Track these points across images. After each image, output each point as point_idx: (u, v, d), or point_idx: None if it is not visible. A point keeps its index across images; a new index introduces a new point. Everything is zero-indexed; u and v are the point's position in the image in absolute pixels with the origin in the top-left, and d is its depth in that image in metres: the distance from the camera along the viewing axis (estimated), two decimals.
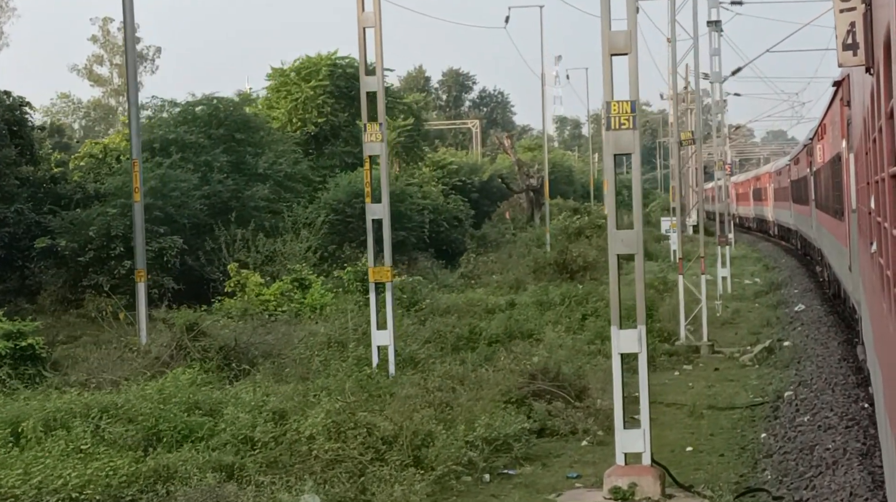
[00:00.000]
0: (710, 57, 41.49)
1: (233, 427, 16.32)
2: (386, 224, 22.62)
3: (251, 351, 23.41)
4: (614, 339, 15.25)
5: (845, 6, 9.91)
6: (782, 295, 38.71)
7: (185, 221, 41.00)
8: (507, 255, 51.52)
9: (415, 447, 15.96)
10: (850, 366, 22.70)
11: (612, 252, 15.18)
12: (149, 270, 39.79)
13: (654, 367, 25.48)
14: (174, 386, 18.15)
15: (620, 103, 14.94)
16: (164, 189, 40.84)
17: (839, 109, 21.10)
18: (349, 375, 20.48)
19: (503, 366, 21.24)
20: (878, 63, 8.70)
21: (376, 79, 22.28)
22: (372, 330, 22.31)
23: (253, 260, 38.22)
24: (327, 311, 30.87)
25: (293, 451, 15.49)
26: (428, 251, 53.26)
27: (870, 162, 11.00)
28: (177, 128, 43.74)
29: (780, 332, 30.11)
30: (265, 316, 32.73)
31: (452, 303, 33.26)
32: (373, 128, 22.20)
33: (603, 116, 15.06)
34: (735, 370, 25.61)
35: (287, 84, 57.22)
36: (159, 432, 15.84)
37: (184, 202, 41.12)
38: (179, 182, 41.44)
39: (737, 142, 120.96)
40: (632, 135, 14.93)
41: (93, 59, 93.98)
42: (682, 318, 28.73)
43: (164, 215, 40.38)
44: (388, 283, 22.46)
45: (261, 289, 34.55)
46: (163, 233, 40.04)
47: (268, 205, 43.31)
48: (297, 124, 56.45)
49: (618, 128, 14.94)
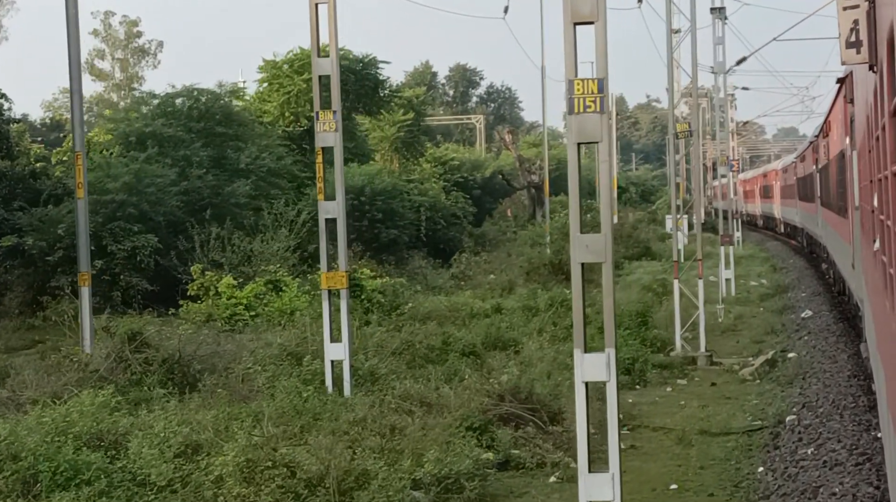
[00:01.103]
0: (713, 46, 38.72)
1: (135, 464, 13.65)
2: (341, 223, 19.92)
3: (193, 365, 20.70)
4: (577, 365, 12.53)
5: (848, 4, 9.70)
6: (789, 299, 35.90)
7: (160, 219, 38.42)
8: (507, 254, 48.74)
9: (345, 490, 13.26)
10: (860, 385, 19.93)
11: (574, 260, 12.46)
12: (121, 271, 37.37)
13: (644, 383, 22.84)
14: (78, 411, 15.44)
15: (586, 82, 12.22)
16: (139, 185, 38.30)
17: (842, 107, 20.72)
18: (293, 396, 17.80)
19: (469, 385, 18.54)
20: (882, 61, 8.58)
21: (330, 61, 19.51)
22: (325, 343, 19.61)
23: (228, 260, 35.56)
24: (297, 317, 28.14)
25: (197, 497, 12.80)
26: (423, 250, 50.57)
27: (873, 159, 10.91)
28: (154, 121, 41.07)
29: (785, 341, 27.36)
30: (233, 321, 30.14)
31: (434, 307, 30.53)
32: (326, 117, 19.50)
33: (565, 98, 12.37)
34: (734, 385, 22.86)
35: (279, 77, 54.45)
36: (37, 474, 13.12)
37: (159, 198, 38.54)
38: (155, 177, 38.87)
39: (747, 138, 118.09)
40: (598, 120, 12.20)
41: (94, 53, 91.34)
42: (677, 327, 25.98)
43: (138, 212, 37.83)
44: (343, 291, 19.74)
45: (233, 292, 31.89)
46: (137, 232, 37.49)
47: (249, 202, 40.63)
48: (289, 118, 53.69)
49: (582, 110, 12.22)
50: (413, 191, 55.81)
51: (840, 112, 21.89)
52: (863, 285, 16.67)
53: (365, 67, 55.99)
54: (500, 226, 63.30)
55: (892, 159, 8.25)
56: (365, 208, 45.81)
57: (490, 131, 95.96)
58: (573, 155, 12.46)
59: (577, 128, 12.27)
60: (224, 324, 28.83)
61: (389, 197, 47.10)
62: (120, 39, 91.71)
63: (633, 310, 28.37)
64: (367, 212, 45.84)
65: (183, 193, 39.46)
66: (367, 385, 19.88)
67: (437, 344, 23.64)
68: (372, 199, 45.94)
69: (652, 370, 23.80)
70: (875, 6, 9.10)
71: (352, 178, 46.63)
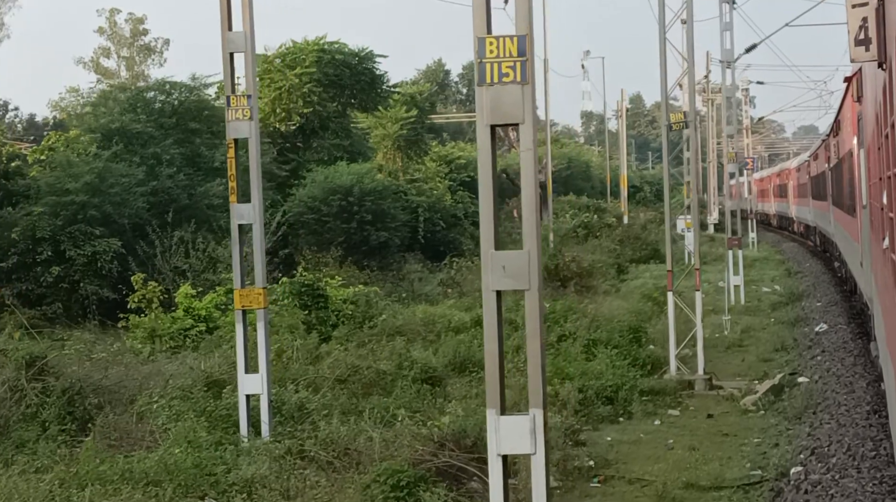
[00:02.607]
0: (720, 33, 34.97)
1: None
2: (257, 231, 16.31)
3: (89, 399, 17.12)
4: (492, 431, 8.88)
5: (858, 1, 9.48)
6: (802, 308, 32.08)
7: (125, 221, 34.94)
8: None
9: None
10: (881, 424, 16.20)
11: (487, 286, 8.84)
12: (81, 277, 33.92)
13: (629, 415, 19.13)
14: None
15: (501, 41, 8.65)
16: (102, 185, 34.86)
17: (850, 105, 20.17)
18: (186, 443, 14.25)
19: (401, 430, 14.95)
20: (891, 58, 8.52)
21: (242, 35, 15.87)
22: (239, 374, 16.02)
23: (192, 266, 32.04)
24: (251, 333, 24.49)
25: None
26: (419, 253, 46.85)
27: (882, 157, 10.76)
28: (122, 117, 37.54)
29: (796, 361, 23.63)
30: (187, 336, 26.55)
31: (409, 320, 26.91)
32: (238, 102, 15.90)
33: (475, 65, 8.79)
34: (734, 417, 19.17)
35: (270, 72, 50.84)
36: None
37: (124, 199, 35.08)
38: (121, 177, 35.39)
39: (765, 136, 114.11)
40: (519, 94, 8.62)
41: (99, 51, 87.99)
42: (671, 347, 22.26)
43: (100, 215, 34.43)
44: (261, 312, 16.14)
45: (191, 302, 28.30)
46: (99, 235, 34.06)
47: (224, 204, 36.98)
48: (281, 115, 50.11)
49: (496, 80, 8.65)
50: (411, 190, 52.21)
51: (849, 110, 21.10)
52: (872, 283, 16.21)
53: (361, 61, 52.39)
54: (505, 227, 59.54)
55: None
56: (353, 209, 42.18)
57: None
58: (484, 141, 8.86)
59: (489, 105, 8.70)
60: (170, 341, 25.26)
61: (380, 197, 43.45)
62: (126, 37, 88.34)
63: (625, 325, 24.72)
64: (356, 213, 42.21)
65: (151, 194, 36.02)
66: (292, 423, 16.31)
67: (390, 368, 20.05)
68: (361, 200, 42.29)
69: (641, 398, 20.12)
70: (884, 3, 8.85)
71: (340, 177, 43.08)
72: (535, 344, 8.82)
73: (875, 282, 14.80)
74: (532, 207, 8.85)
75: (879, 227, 12.08)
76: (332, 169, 43.81)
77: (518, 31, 8.66)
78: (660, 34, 21.77)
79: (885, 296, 11.81)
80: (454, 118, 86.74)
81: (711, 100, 66.27)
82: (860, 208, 18.70)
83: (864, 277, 19.87)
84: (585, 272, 35.59)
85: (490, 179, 8.81)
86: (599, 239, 51.42)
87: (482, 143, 8.81)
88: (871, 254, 15.98)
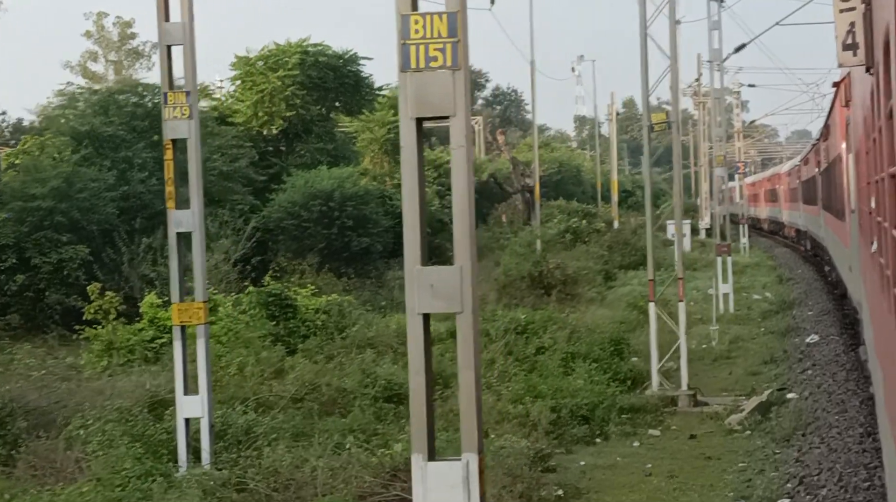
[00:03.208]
0: (708, 32, 33.58)
1: None
2: (197, 239, 14.89)
3: (18, 422, 15.66)
4: (417, 481, 7.46)
5: (845, 6, 9.58)
6: (794, 317, 30.66)
7: (93, 227, 33.49)
8: (495, 264, 43.52)
9: None
10: (875, 448, 14.77)
11: (412, 310, 7.43)
12: (47, 286, 32.50)
13: (606, 436, 17.72)
14: None
15: (429, 18, 7.26)
16: (70, 190, 33.40)
17: (839, 110, 20.04)
18: (111, 476, 12.83)
19: (352, 458, 13.53)
20: (878, 63, 8.41)
21: (181, 26, 14.45)
22: (177, 396, 14.58)
23: (160, 275, 30.55)
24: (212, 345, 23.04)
25: None
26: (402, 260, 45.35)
27: (870, 162, 10.67)
28: (93, 119, 36.09)
29: (785, 375, 22.22)
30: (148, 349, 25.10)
31: (381, 331, 25.48)
32: (176, 99, 14.48)
33: (398, 47, 7.35)
34: (718, 438, 17.75)
35: (252, 74, 49.38)
36: None
37: (93, 205, 33.61)
38: (90, 181, 33.96)
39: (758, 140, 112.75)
40: (450, 82, 7.24)
41: (87, 55, 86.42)
42: (653, 362, 20.84)
43: (68, 220, 32.97)
44: (202, 327, 14.71)
45: (156, 312, 26.85)
46: (66, 242, 32.61)
47: None
48: (263, 118, 48.61)
49: (423, 66, 7.26)
50: (396, 195, 50.76)
51: (838, 115, 20.89)
52: (861, 287, 16.14)
53: (346, 64, 50.91)
54: (493, 233, 58.16)
55: (889, 161, 7.97)
56: (334, 214, 40.69)
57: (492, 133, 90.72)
58: (408, 137, 7.45)
59: (414, 95, 7.29)
60: (128, 354, 23.83)
61: (362, 202, 41.97)
62: (113, 41, 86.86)
63: (607, 337, 23.27)
64: (337, 218, 40.71)
65: (122, 199, 34.59)
66: (238, 449, 14.87)
67: (352, 385, 18.63)
68: (342, 205, 40.81)
69: (620, 416, 18.70)
70: (871, 8, 8.87)
71: (320, 182, 41.60)
72: (468, 376, 7.41)
73: (864, 286, 14.79)
74: (465, 214, 7.43)
75: (868, 231, 12.05)
76: (312, 173, 42.32)
77: (448, 8, 7.26)
78: (640, 31, 20.39)
79: (874, 300, 11.74)
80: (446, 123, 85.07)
81: (702, 103, 64.84)
82: (849, 212, 18.61)
83: (853, 281, 19.72)
84: (570, 279, 34.13)
85: (415, 182, 7.39)
86: (588, 244, 49.98)
87: (406, 141, 7.39)
88: (859, 258, 15.91)
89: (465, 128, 7.33)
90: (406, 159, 7.38)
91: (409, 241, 7.41)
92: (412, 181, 7.38)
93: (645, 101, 20.23)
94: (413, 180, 7.38)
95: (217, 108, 47.48)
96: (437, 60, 7.25)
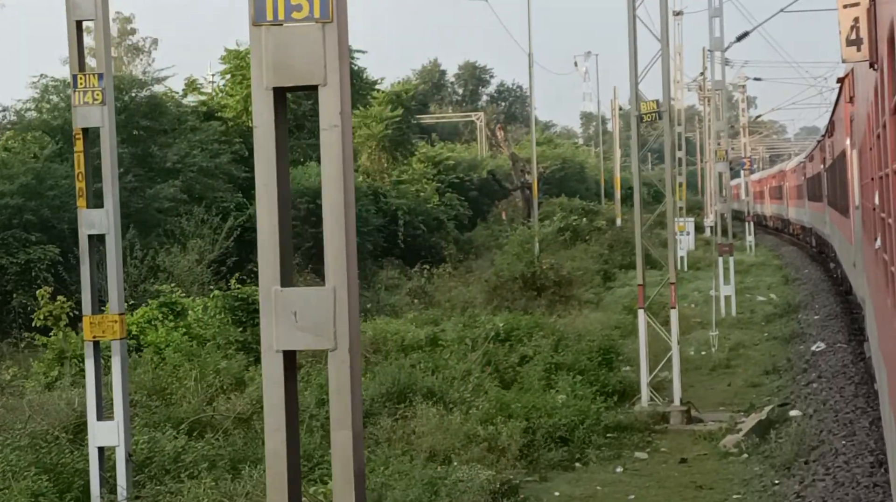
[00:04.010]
0: (709, 19, 31.55)
1: None
2: (112, 243, 12.99)
3: None
4: None
5: (849, 1, 9.31)
6: (799, 322, 28.63)
7: (64, 226, 31.57)
8: (490, 263, 41.50)
9: None
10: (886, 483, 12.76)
11: (269, 346, 5.46)
12: (15, 288, 30.63)
13: (586, 462, 15.76)
14: None
15: None
16: (40, 187, 31.53)
17: (843, 106, 19.76)
18: None
19: None
20: (883, 58, 8.41)
21: (93, 4, 12.52)
22: (90, 422, 12.65)
23: (128, 276, 28.66)
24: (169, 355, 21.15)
25: None
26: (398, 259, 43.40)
27: (874, 158, 10.62)
28: (66, 113, 34.23)
29: (789, 387, 20.24)
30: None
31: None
32: (87, 82, 12.59)
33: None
34: (712, 462, 15.78)
35: (243, 68, 47.53)
36: None
37: (64, 203, 31.67)
38: (61, 178, 32.07)
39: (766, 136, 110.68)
40: (321, 38, 5.29)
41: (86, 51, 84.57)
42: (643, 375, 18.86)
43: (37, 219, 31.07)
44: (118, 343, 12.79)
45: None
46: (35, 242, 30.70)
47: (175, 207, 33.69)
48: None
49: (281, 18, 5.31)
50: (391, 192, 48.90)
51: (843, 111, 20.38)
52: (864, 284, 15.88)
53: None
54: (492, 230, 56.19)
55: (893, 157, 7.91)
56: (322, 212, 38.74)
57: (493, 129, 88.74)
58: (264, 112, 5.49)
59: (271, 56, 5.33)
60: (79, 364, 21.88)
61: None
62: (113, 37, 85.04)
63: (596, 345, 21.30)
64: None
65: (95, 197, 32.61)
66: (163, 480, 12.94)
67: (308, 401, 16.68)
68: None
69: (605, 436, 16.77)
70: (875, 4, 8.71)
71: (308, 179, 39.72)
72: (343, 439, 5.45)
73: (868, 283, 14.62)
74: (338, 216, 5.50)
75: (871, 228, 11.94)
76: (300, 170, 40.45)
77: None
78: (629, 13, 18.43)
79: (877, 296, 11.63)
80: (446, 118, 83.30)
81: (707, 97, 62.75)
82: (853, 209, 18.43)
83: (857, 278, 19.56)
84: (564, 280, 32.11)
85: (273, 173, 5.43)
86: (588, 243, 48.02)
87: (260, 117, 5.44)
88: (863, 255, 15.69)
89: (340, 103, 5.38)
90: (261, 144, 5.44)
91: (265, 252, 5.46)
92: (269, 172, 5.43)
93: (634, 88, 18.27)
94: (270, 171, 5.43)
95: (206, 104, 45.63)
96: (301, 10, 5.32)
